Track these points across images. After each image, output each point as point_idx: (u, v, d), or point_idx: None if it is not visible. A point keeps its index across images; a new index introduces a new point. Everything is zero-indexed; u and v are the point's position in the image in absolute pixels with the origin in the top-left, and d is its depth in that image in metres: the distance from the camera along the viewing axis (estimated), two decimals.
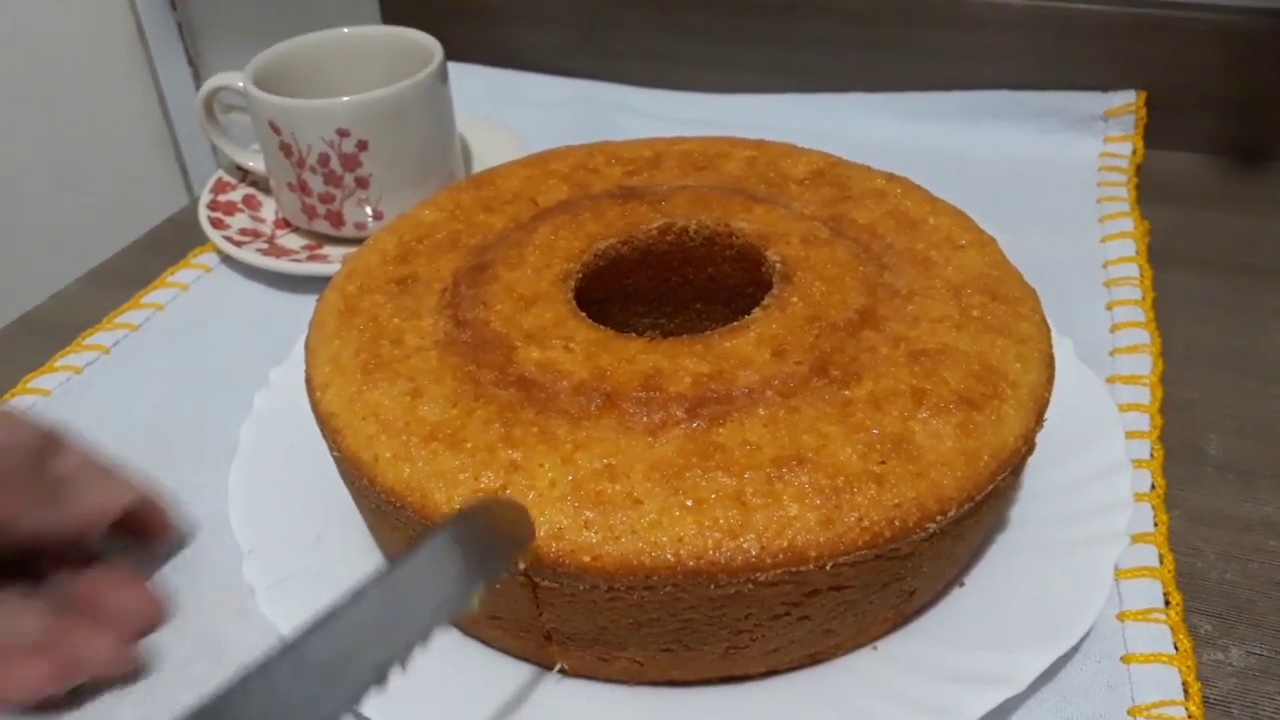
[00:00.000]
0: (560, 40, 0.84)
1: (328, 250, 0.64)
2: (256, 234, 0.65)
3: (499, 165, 0.50)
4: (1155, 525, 0.43)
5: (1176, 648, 0.38)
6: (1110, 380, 0.50)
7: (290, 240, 0.65)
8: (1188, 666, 0.38)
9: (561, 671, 0.36)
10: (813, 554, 0.31)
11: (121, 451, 0.50)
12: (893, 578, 0.34)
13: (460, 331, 0.38)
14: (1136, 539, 0.42)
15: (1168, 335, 0.53)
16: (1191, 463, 0.46)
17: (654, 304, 0.47)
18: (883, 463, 0.33)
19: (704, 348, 0.37)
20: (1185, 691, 0.37)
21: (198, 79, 0.98)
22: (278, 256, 0.62)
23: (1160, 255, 0.60)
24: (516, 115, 0.78)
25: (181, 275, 0.64)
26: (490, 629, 0.36)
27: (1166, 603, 0.40)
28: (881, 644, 0.37)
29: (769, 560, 0.31)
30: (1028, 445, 0.36)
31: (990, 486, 0.34)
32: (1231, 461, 0.47)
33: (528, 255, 0.41)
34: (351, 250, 0.58)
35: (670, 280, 0.46)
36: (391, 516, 0.34)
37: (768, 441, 0.33)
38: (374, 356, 0.37)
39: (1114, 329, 0.54)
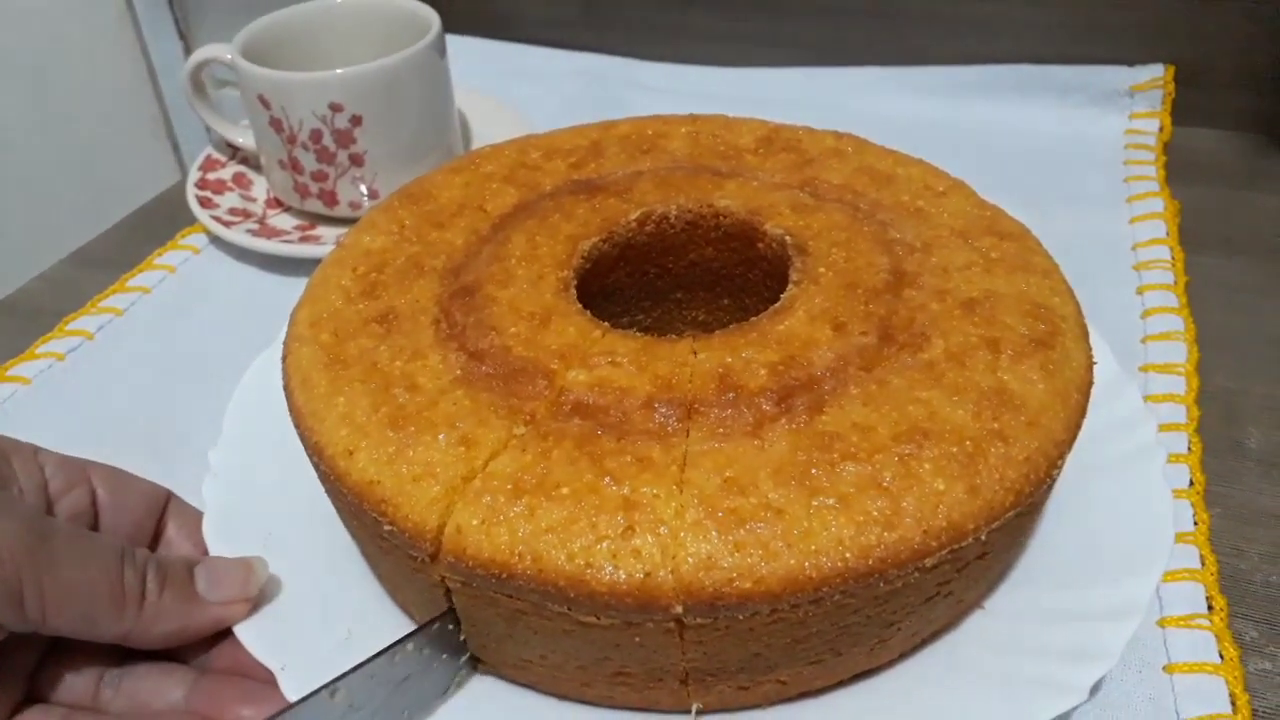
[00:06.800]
0: (560, 12, 0.81)
1: (321, 231, 0.61)
2: (247, 214, 0.63)
3: (426, 175, 0.45)
4: (1195, 524, 0.41)
5: (1221, 656, 0.36)
6: (1143, 369, 0.48)
7: (282, 220, 0.63)
8: (1234, 676, 0.35)
9: (698, 713, 0.33)
10: (970, 526, 0.30)
11: (104, 443, 0.48)
12: (1019, 532, 0.33)
13: (479, 364, 0.34)
14: (1177, 539, 0.39)
15: (1200, 321, 0.51)
16: (1231, 457, 0.44)
17: (631, 299, 0.45)
18: (996, 419, 0.32)
19: (759, 336, 0.34)
20: (1233, 703, 0.35)
21: (188, 51, 0.95)
22: (269, 238, 0.59)
23: (1189, 237, 0.57)
24: (517, 90, 0.75)
25: (169, 257, 0.61)
26: (610, 688, 0.32)
27: (1210, 607, 0.38)
28: (988, 603, 0.35)
29: (933, 543, 0.29)
30: (1092, 375, 0.35)
31: (1083, 421, 0.33)
32: (1273, 456, 0.44)
33: (514, 269, 0.38)
34: (343, 231, 0.56)
35: (648, 273, 0.44)
36: (483, 589, 0.31)
37: (877, 420, 0.31)
38: (396, 409, 0.33)
39: (1145, 314, 0.51)
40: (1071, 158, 0.65)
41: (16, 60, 0.85)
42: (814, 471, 0.30)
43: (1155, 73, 0.68)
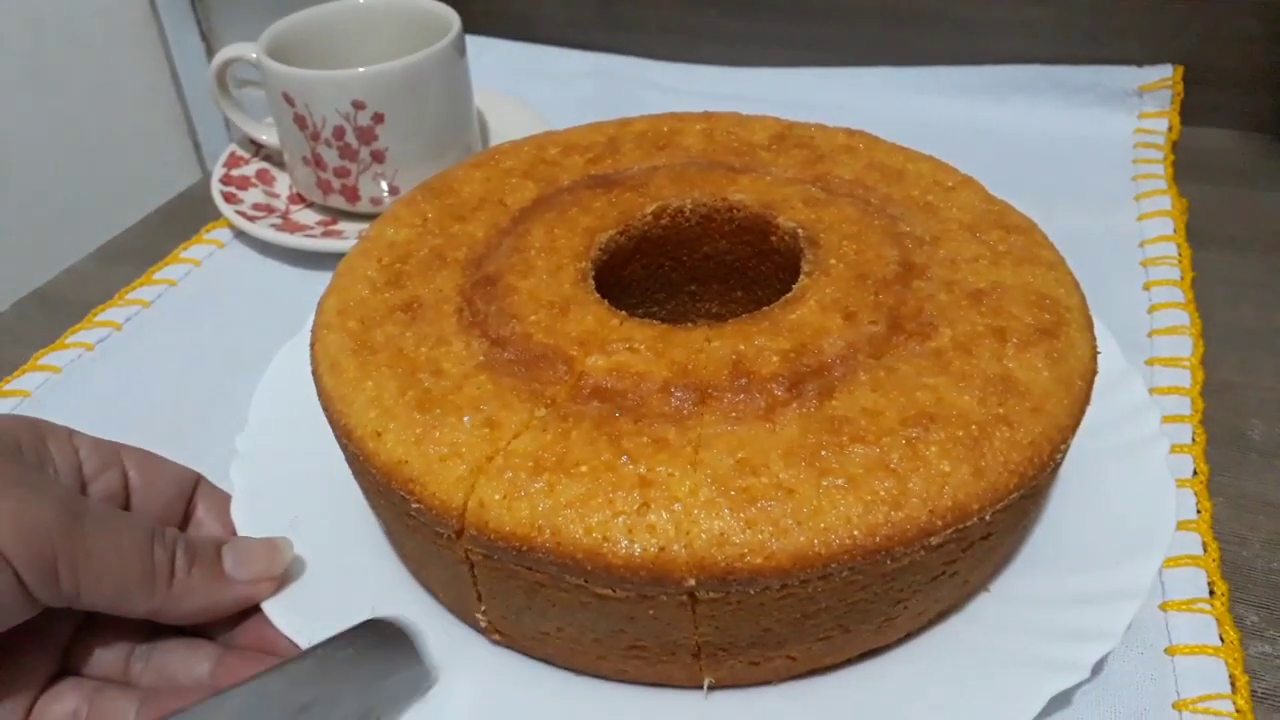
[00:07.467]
0: (577, 13, 0.83)
1: (343, 226, 0.62)
2: (270, 209, 0.64)
3: (447, 170, 0.46)
4: (1198, 512, 0.41)
5: (1222, 639, 0.37)
6: (1149, 363, 0.49)
7: (305, 215, 0.64)
8: (1234, 659, 0.36)
9: (710, 688, 0.34)
10: (975, 507, 0.31)
11: (132, 430, 0.49)
12: (1023, 515, 0.34)
13: (501, 350, 0.35)
14: (1180, 526, 0.40)
15: (1206, 316, 0.52)
16: (1234, 448, 0.45)
17: (647, 292, 0.46)
18: (1001, 405, 0.33)
19: (771, 325, 0.36)
20: (1232, 684, 0.35)
21: (210, 51, 0.96)
22: (292, 232, 0.61)
23: (1197, 234, 0.58)
24: (535, 89, 0.76)
25: (194, 251, 0.63)
26: (624, 661, 0.34)
27: (1211, 592, 0.38)
28: (993, 585, 0.36)
29: (939, 522, 0.30)
30: (1095, 364, 0.36)
31: (1087, 408, 0.34)
32: (1276, 447, 0.45)
33: (534, 261, 0.39)
34: (365, 226, 0.57)
35: (663, 265, 0.45)
36: (503, 561, 0.32)
37: (885, 405, 0.32)
38: (422, 393, 0.34)
39: (1152, 310, 0.52)
40: (1080, 157, 0.66)
41: (42, 61, 0.87)
42: (823, 453, 0.31)
43: (1164, 73, 0.68)
